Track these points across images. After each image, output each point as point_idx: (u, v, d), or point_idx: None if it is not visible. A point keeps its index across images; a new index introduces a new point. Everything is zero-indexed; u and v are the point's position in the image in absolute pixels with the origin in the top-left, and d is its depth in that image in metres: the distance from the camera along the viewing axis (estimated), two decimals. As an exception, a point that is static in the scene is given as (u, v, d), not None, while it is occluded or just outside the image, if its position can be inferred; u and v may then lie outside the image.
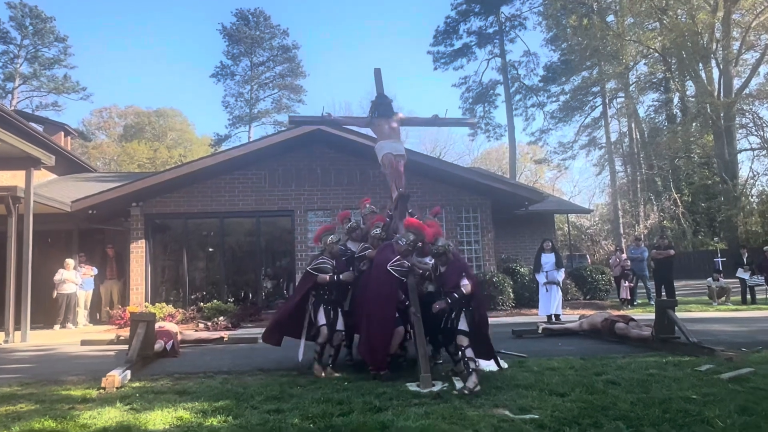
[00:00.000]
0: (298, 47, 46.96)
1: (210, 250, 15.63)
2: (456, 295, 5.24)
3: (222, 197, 13.40)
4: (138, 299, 12.76)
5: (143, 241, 13.03)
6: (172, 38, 79.50)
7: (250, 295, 14.62)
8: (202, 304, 12.86)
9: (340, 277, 6.01)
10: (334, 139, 13.37)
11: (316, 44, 77.61)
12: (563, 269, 11.00)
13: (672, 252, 13.78)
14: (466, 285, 5.26)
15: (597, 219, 38.36)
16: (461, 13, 39.35)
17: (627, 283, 13.91)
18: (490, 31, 39.73)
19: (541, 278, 10.80)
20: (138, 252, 12.98)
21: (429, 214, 7.76)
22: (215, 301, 12.74)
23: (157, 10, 79.32)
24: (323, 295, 5.99)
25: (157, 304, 12.53)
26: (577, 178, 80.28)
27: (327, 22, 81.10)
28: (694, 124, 29.48)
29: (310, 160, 13.78)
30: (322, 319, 5.90)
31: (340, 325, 5.96)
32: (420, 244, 6.00)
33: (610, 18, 32.32)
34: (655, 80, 33.70)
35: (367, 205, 7.17)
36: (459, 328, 5.25)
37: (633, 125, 36.18)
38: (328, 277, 5.95)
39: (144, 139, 48.84)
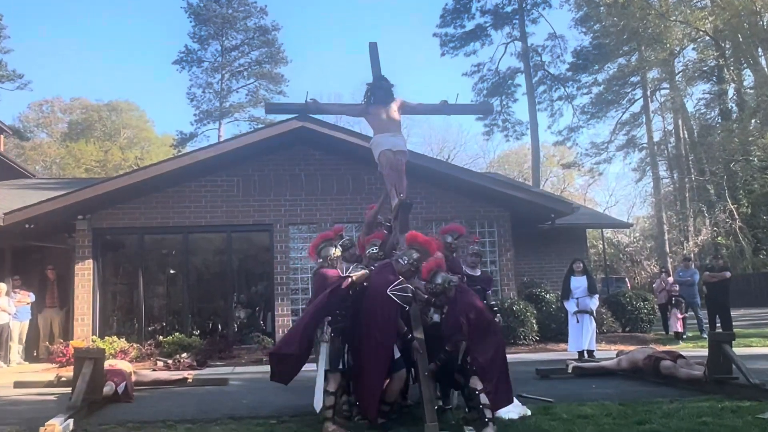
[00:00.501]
0: (278, 28, 47.13)
1: (171, 272, 15.63)
2: (447, 351, 5.36)
3: (186, 208, 13.40)
4: (84, 332, 12.71)
5: (91, 261, 13.01)
6: (128, 16, 80.00)
7: (220, 327, 14.60)
8: (161, 337, 12.80)
9: (351, 276, 5.72)
10: (321, 138, 13.42)
11: (300, 26, 78.08)
12: (597, 295, 11.00)
13: (728, 275, 13.79)
14: (457, 340, 5.35)
15: (638, 235, 38.41)
16: (474, -12, 39.62)
17: (678, 313, 13.90)
18: (509, 9, 39.96)
19: (570, 306, 10.79)
20: (84, 275, 12.95)
21: (441, 233, 7.66)
22: (177, 334, 12.70)
23: (109, -16, 79.70)
24: (338, 319, 5.62)
25: (106, 337, 12.48)
26: (613, 186, 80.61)
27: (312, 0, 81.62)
28: (753, 120, 29.62)
29: (292, 164, 13.81)
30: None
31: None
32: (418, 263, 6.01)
33: (652, -6, 32.60)
34: (705, 68, 33.93)
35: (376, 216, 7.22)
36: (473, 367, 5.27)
37: (680, 122, 36.35)
38: (352, 278, 5.66)
39: (93, 138, 48.93)
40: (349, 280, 5.68)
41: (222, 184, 13.58)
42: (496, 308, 8.38)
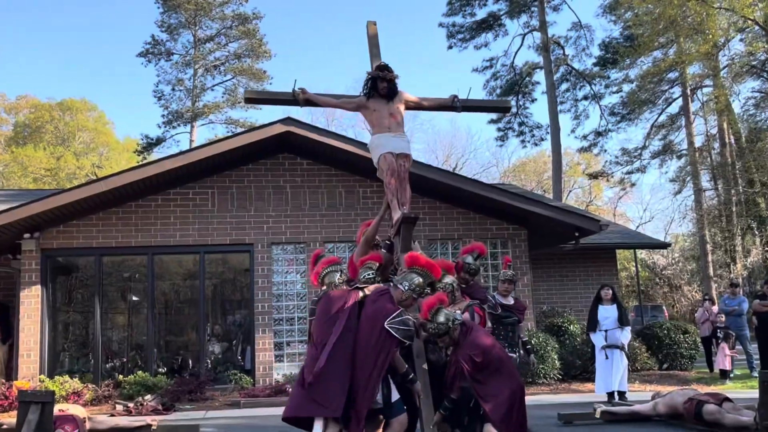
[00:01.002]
0: (260, 17, 47.36)
1: (134, 299, 15.61)
2: (450, 400, 5.38)
3: (152, 226, 13.43)
4: (30, 370, 12.68)
5: (39, 287, 13.00)
6: (83, 1, 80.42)
7: (190, 364, 14.57)
8: (121, 376, 12.78)
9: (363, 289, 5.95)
10: (309, 144, 13.49)
11: (285, 14, 78.59)
12: (629, 327, 11.00)
13: (782, 303, 13.81)
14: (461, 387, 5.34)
15: (677, 256, 38.45)
16: (486, -30, 39.91)
17: (726, 349, 13.82)
18: (526, -6, 40.29)
19: (598, 340, 10.79)
20: (31, 303, 12.94)
21: (461, 253, 7.73)
22: (140, 372, 12.67)
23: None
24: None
25: (57, 377, 12.45)
26: (648, 199, 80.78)
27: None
28: (810, 123, 29.76)
29: (276, 175, 13.88)
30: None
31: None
32: (429, 290, 6.02)
33: (692, -22, 32.84)
34: (755, 63, 34.08)
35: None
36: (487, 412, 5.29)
37: (725, 125, 36.45)
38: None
39: (43, 143, 49.02)
40: (360, 294, 5.78)
41: (194, 197, 13.62)
42: (528, 345, 8.47)
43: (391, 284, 5.96)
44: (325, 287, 6.24)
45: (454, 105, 7.62)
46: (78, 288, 15.05)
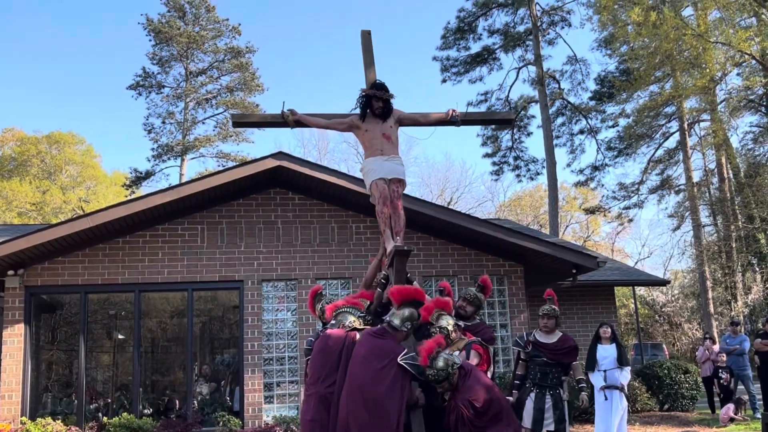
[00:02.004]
0: (253, 51, 47.76)
1: (120, 337, 15.51)
2: None
3: (139, 262, 13.37)
4: (11, 412, 12.52)
5: (22, 326, 12.88)
6: (73, 32, 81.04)
7: (177, 405, 14.42)
8: (105, 418, 12.63)
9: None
10: (300, 179, 13.51)
11: (278, 48, 79.26)
12: (628, 368, 10.92)
13: (785, 342, 13.79)
14: None
15: (676, 292, 38.44)
16: (480, 5, 40.35)
17: (731, 411, 13.50)
18: (521, 29, 40.71)
19: (597, 380, 10.71)
20: (14, 342, 12.81)
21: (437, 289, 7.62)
22: (125, 414, 12.53)
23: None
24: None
25: (39, 419, 12.29)
26: (646, 235, 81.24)
27: (293, 20, 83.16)
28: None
29: (267, 210, 13.87)
30: None
31: None
32: (415, 322, 5.96)
33: (688, 12, 33.26)
34: (752, 97, 34.41)
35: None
36: None
37: (724, 160, 36.68)
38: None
39: (29, 177, 48.98)
40: (357, 335, 5.80)
41: (183, 233, 13.59)
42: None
43: (386, 325, 5.91)
44: (332, 323, 6.22)
45: (452, 119, 7.36)
46: (62, 326, 14.96)
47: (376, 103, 6.86)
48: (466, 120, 7.58)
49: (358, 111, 7.04)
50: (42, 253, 12.93)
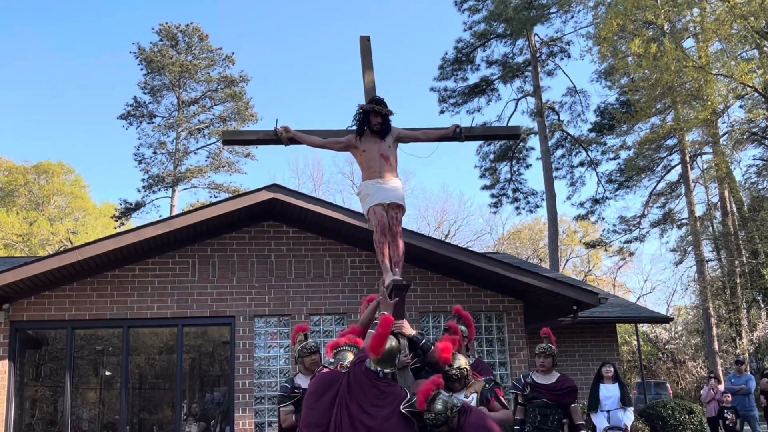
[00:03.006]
0: (246, 80, 48.05)
1: (107, 374, 15.40)
2: None
3: (128, 297, 13.31)
4: (-6, 451, 12.39)
5: (7, 362, 12.78)
6: (62, 60, 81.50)
7: (165, 444, 14.32)
8: (90, 458, 12.50)
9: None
10: (294, 212, 13.51)
11: (272, 77, 79.78)
12: (631, 408, 10.91)
13: (791, 381, 13.76)
14: None
15: (680, 329, 38.33)
16: (478, 36, 40.71)
17: None
18: (520, 60, 41.08)
19: (600, 421, 10.68)
20: (-2, 378, 12.73)
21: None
22: (111, 453, 12.40)
23: (39, 22, 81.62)
24: None
25: (22, 458, 12.16)
26: (648, 269, 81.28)
27: (287, 48, 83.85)
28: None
29: (260, 244, 13.84)
30: None
31: None
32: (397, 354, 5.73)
33: (689, 43, 33.62)
34: (755, 130, 34.64)
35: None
36: None
37: (727, 193, 36.82)
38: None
39: (16, 207, 48.94)
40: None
41: (173, 267, 13.54)
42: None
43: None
44: (330, 361, 6.13)
45: (456, 135, 7.05)
46: (47, 362, 14.84)
47: (374, 118, 6.53)
48: (470, 135, 7.36)
49: (354, 128, 6.72)
50: (28, 287, 12.86)
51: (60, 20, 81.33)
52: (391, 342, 5.65)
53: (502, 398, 6.20)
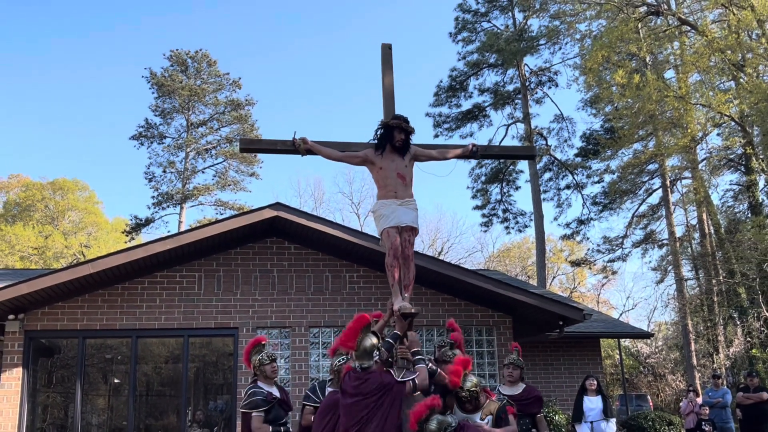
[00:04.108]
0: (252, 103, 48.20)
1: (115, 381, 15.31)
2: None
3: (137, 308, 13.28)
4: (6, 455, 12.30)
5: (20, 369, 12.72)
6: (77, 83, 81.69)
7: (170, 450, 14.22)
8: (99, 462, 12.40)
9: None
10: (296, 229, 13.52)
11: (276, 101, 79.99)
12: (614, 419, 10.88)
13: (766, 396, 13.70)
14: None
15: (660, 344, 38.27)
16: (471, 65, 40.93)
17: None
18: (510, 88, 41.25)
19: (583, 431, 10.64)
20: (12, 386, 12.64)
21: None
22: (118, 458, 12.31)
23: (56, 49, 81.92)
24: None
25: (33, 461, 12.07)
26: (630, 287, 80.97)
27: (291, 73, 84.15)
28: (787, 215, 30.19)
29: (263, 259, 13.84)
30: None
31: None
32: (377, 347, 5.59)
33: (670, 74, 33.84)
34: (732, 156, 34.78)
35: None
36: None
37: (705, 216, 36.87)
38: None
39: (32, 221, 48.85)
40: None
41: (181, 280, 13.52)
42: None
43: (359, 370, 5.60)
44: (342, 359, 6.22)
45: (472, 153, 6.87)
46: (59, 369, 14.77)
47: (398, 135, 6.26)
48: (487, 154, 7.22)
49: (374, 141, 6.46)
50: (42, 298, 12.83)
51: (79, 47, 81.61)
52: (371, 339, 5.57)
53: (510, 416, 6.11)
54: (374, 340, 5.58)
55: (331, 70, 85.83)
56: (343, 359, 7.07)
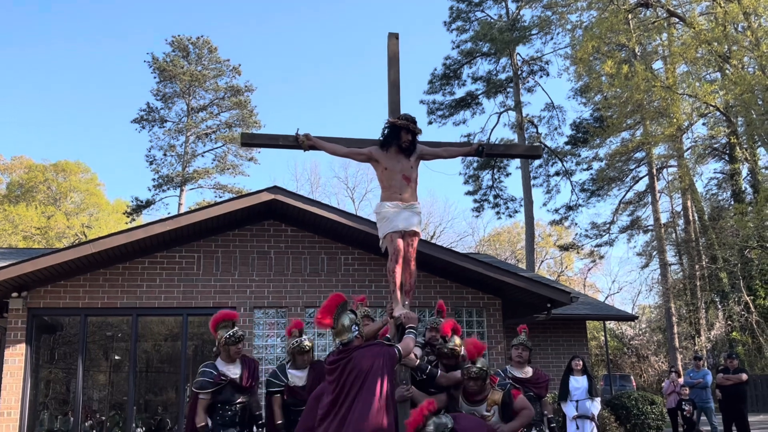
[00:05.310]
0: (252, 90, 48.03)
1: (116, 358, 15.35)
2: None
3: (137, 287, 13.25)
4: (9, 428, 12.27)
5: (23, 345, 12.70)
6: (80, 67, 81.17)
7: (169, 423, 14.24)
8: (100, 436, 12.44)
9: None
10: (293, 212, 13.49)
11: (275, 87, 79.68)
12: (599, 398, 10.94)
13: (744, 377, 13.80)
14: None
15: (644, 326, 38.48)
16: (465, 54, 40.81)
17: None
18: (503, 77, 41.19)
19: (569, 410, 10.71)
20: (15, 361, 12.61)
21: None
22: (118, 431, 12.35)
23: (60, 32, 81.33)
24: None
25: (36, 435, 12.08)
26: (616, 271, 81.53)
27: (291, 60, 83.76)
28: (768, 203, 30.27)
29: (261, 241, 13.81)
30: None
31: None
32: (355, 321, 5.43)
33: (658, 65, 33.81)
34: (716, 145, 34.85)
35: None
36: None
37: (689, 203, 37.02)
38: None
39: (35, 202, 48.68)
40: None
41: (180, 260, 13.49)
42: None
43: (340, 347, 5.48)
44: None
45: (478, 152, 6.57)
46: (61, 346, 14.80)
47: (405, 135, 5.99)
48: (492, 153, 7.04)
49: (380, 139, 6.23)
50: (45, 277, 12.79)
51: (82, 31, 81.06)
52: (349, 315, 5.46)
53: (521, 396, 5.97)
54: (352, 317, 5.48)
55: (328, 59, 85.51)
56: (297, 341, 7.08)
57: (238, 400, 6.62)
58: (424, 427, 4.91)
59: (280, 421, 7.01)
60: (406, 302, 5.91)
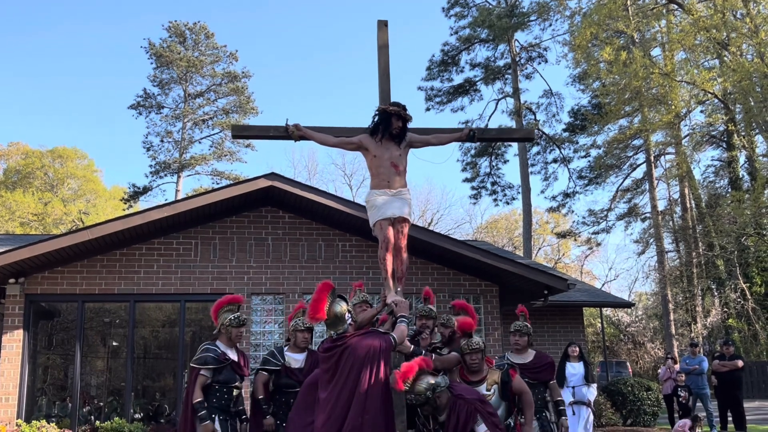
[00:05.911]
0: (249, 76, 47.85)
1: (114, 344, 15.34)
2: None
3: (135, 274, 13.26)
4: (8, 414, 12.32)
5: (21, 331, 12.72)
6: (77, 53, 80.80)
7: (167, 409, 14.25)
8: (98, 422, 12.44)
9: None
10: (291, 199, 13.48)
11: (272, 73, 79.41)
12: (595, 385, 10.97)
13: (740, 363, 13.84)
14: None
15: (640, 314, 38.58)
16: (463, 40, 40.66)
17: (690, 421, 13.33)
18: (501, 63, 41.04)
19: (566, 396, 10.70)
20: (13, 347, 12.64)
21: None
22: (117, 418, 12.36)
23: (57, 17, 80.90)
24: None
25: (34, 422, 12.09)
26: (613, 258, 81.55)
27: (288, 46, 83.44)
28: (766, 191, 30.28)
29: (258, 227, 13.81)
30: None
31: None
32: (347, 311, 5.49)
33: (656, 52, 33.70)
34: (714, 133, 34.81)
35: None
36: None
37: (687, 191, 37.03)
38: None
39: (32, 188, 48.60)
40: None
41: (177, 247, 13.49)
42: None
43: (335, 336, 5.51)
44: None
45: (469, 137, 6.53)
46: (59, 332, 14.79)
47: (396, 122, 5.99)
48: (484, 137, 7.00)
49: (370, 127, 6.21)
50: (42, 263, 12.80)
51: (79, 16, 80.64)
52: (340, 305, 5.48)
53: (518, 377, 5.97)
54: (344, 305, 5.49)
55: (325, 45, 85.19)
56: (301, 319, 7.08)
57: (236, 384, 6.61)
58: (417, 379, 4.90)
59: (261, 396, 7.00)
60: (399, 289, 5.95)
